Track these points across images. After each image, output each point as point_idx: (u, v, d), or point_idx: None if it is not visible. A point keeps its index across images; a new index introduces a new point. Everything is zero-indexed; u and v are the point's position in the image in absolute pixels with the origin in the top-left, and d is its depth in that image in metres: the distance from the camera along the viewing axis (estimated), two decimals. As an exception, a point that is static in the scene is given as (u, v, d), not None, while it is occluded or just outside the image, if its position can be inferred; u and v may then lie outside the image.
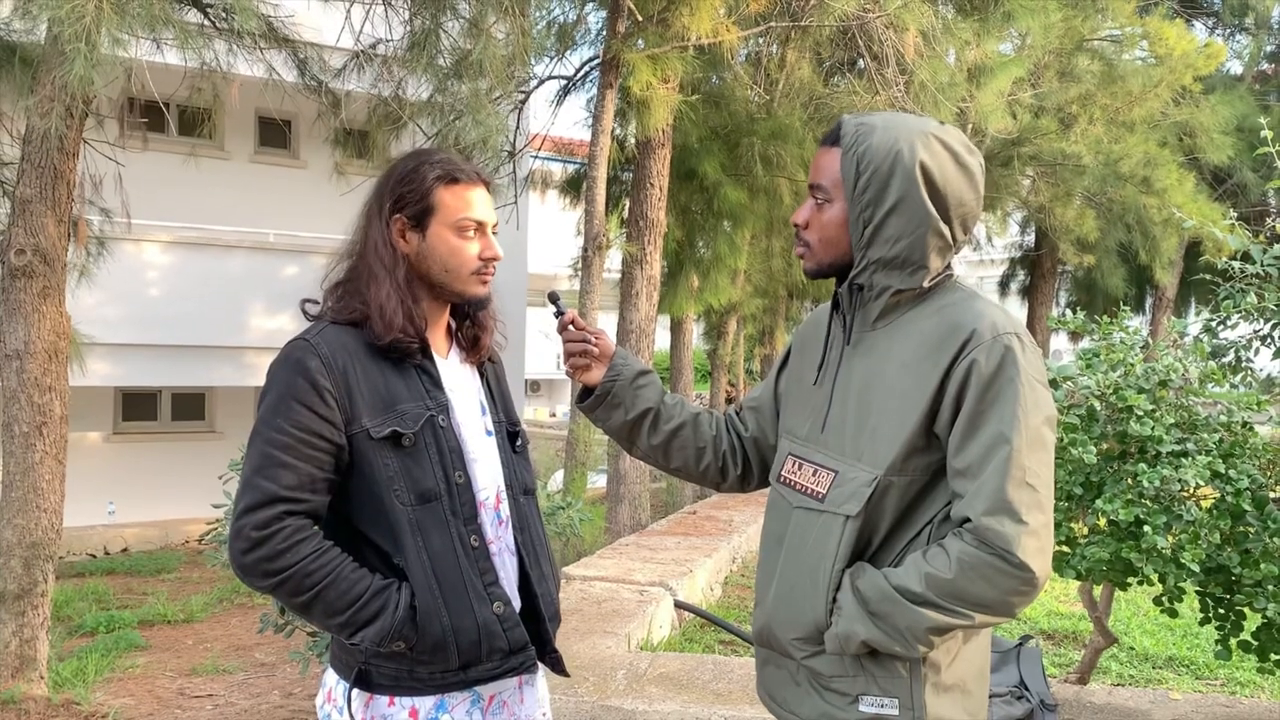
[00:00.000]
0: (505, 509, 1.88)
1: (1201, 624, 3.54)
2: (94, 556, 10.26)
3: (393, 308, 1.76)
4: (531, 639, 1.85)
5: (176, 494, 10.71)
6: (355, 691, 1.75)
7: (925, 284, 1.65)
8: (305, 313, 1.85)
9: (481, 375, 1.96)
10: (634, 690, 3.75)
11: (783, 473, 1.77)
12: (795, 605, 1.66)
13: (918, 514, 1.61)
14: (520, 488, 1.92)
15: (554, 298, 2.03)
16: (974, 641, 1.66)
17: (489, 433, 1.90)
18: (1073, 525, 3.48)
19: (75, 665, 5.80)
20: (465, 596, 1.74)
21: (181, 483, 10.60)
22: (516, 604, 1.84)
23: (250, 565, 1.65)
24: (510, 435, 1.95)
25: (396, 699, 1.75)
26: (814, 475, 1.69)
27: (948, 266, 1.69)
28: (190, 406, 11.79)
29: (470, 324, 1.93)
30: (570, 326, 1.96)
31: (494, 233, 1.86)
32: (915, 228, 1.61)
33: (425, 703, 1.76)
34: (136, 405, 11.42)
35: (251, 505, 1.66)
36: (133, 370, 9.80)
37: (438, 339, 1.88)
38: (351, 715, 1.74)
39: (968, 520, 1.52)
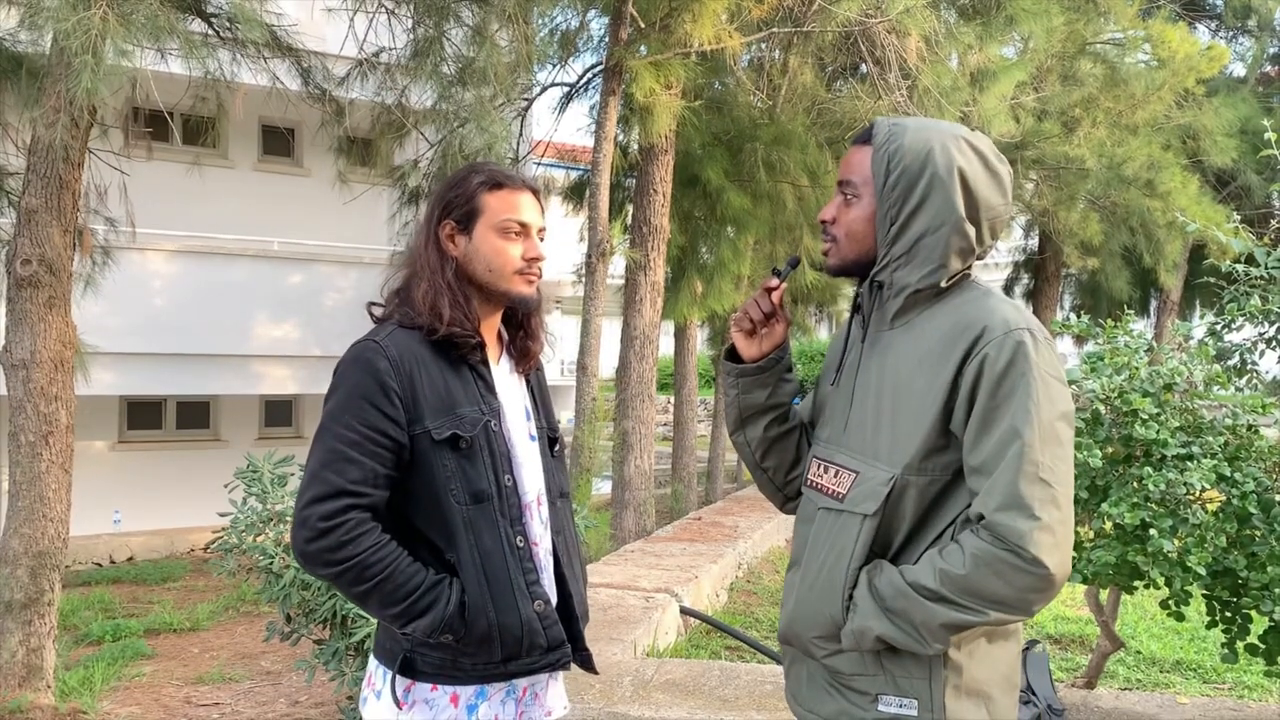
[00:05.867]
0: (544, 511, 1.95)
1: (1208, 627, 3.53)
2: (100, 565, 10.27)
3: (443, 302, 1.83)
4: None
5: (182, 502, 10.71)
6: (398, 678, 1.82)
7: (943, 283, 1.66)
8: (371, 315, 1.94)
9: (526, 382, 2.03)
10: (641, 697, 3.74)
11: (809, 475, 1.79)
12: (814, 603, 1.68)
13: (940, 514, 1.61)
14: (557, 491, 2.00)
15: (794, 262, 1.98)
16: (999, 646, 1.65)
17: (532, 438, 1.98)
18: (1078, 529, 3.47)
19: (82, 674, 5.80)
20: (511, 594, 1.82)
21: (186, 491, 10.61)
22: (554, 602, 1.93)
23: (313, 554, 1.73)
24: (550, 441, 2.03)
25: (440, 686, 1.83)
26: (836, 477, 1.70)
27: (967, 267, 1.70)
28: (195, 415, 11.80)
29: (522, 334, 1.99)
30: (770, 294, 1.90)
31: (541, 237, 1.94)
32: (938, 226, 1.64)
33: (466, 690, 1.84)
34: (141, 414, 11.43)
35: (318, 497, 1.73)
36: (137, 379, 9.80)
37: (489, 346, 1.94)
38: (395, 699, 1.81)
39: (982, 516, 1.53)
